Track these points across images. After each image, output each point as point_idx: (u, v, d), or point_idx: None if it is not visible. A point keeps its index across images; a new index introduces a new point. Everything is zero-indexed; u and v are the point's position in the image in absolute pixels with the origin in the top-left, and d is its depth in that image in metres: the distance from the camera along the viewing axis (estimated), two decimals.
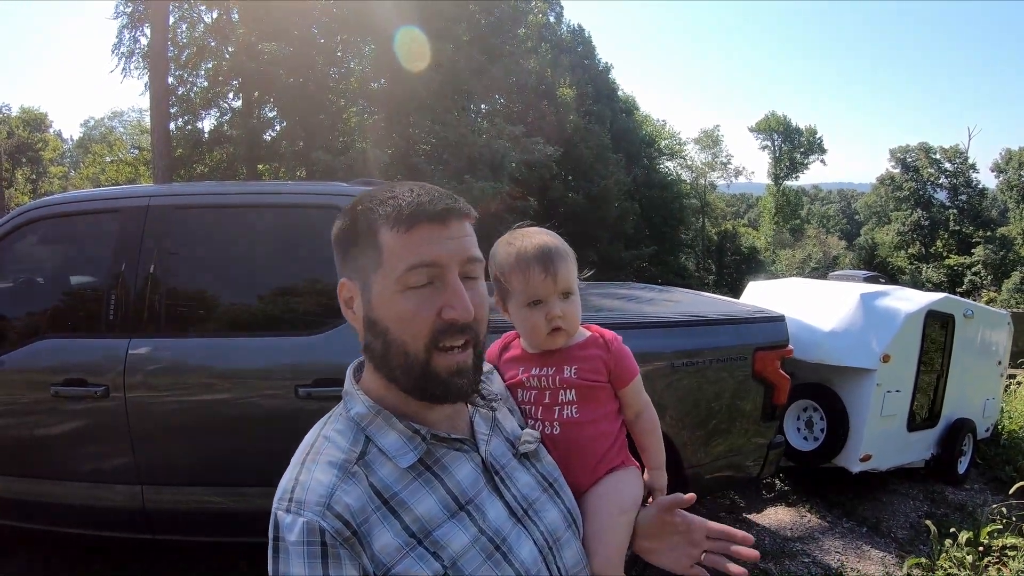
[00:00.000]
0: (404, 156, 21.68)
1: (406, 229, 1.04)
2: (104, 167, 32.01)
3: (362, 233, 1.08)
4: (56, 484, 3.55)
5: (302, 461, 1.05)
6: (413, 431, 1.08)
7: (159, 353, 3.46)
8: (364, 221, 1.08)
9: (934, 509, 5.57)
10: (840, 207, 75.94)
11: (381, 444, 1.07)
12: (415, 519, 1.02)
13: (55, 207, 3.89)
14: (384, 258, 1.05)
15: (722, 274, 46.62)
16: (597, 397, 1.34)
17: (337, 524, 0.96)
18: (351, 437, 1.08)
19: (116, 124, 43.40)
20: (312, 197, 3.80)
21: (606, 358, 1.35)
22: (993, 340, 7.03)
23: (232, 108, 24.02)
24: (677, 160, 48.92)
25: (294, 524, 0.96)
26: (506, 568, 1.07)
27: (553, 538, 1.16)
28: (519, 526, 1.13)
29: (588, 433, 1.32)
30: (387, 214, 1.06)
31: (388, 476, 1.04)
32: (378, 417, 1.09)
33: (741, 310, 4.33)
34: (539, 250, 1.31)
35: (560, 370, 1.33)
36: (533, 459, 1.24)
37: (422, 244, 1.04)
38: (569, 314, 1.32)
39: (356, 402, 1.12)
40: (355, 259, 1.10)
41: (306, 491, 0.99)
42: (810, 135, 56.39)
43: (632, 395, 1.39)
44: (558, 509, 1.21)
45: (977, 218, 49.13)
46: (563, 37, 36.05)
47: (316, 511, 0.96)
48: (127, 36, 21.69)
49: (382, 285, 1.06)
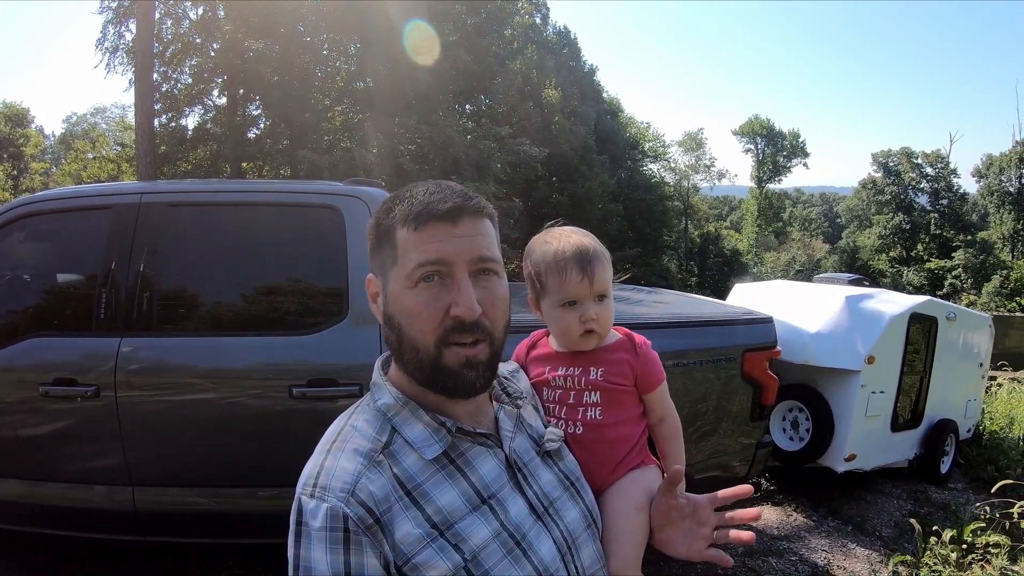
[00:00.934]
0: (389, 156, 21.62)
1: (416, 227, 1.07)
2: (86, 164, 31.67)
3: (384, 230, 1.12)
4: (46, 486, 3.50)
5: (328, 448, 1.06)
6: (439, 423, 1.10)
7: (150, 352, 3.42)
8: (385, 219, 1.12)
9: (918, 508, 5.65)
10: (822, 210, 76.56)
11: (407, 435, 1.09)
12: (437, 510, 1.03)
13: (45, 203, 3.82)
14: (398, 255, 1.08)
15: (704, 276, 46.84)
16: (622, 401, 1.34)
17: (360, 511, 0.97)
18: (377, 426, 1.09)
19: (99, 120, 43.03)
20: (307, 196, 3.77)
21: (633, 362, 1.35)
22: (975, 342, 7.14)
23: (217, 105, 23.91)
24: (661, 162, 49.19)
25: (318, 509, 0.97)
26: (525, 565, 1.08)
27: (572, 537, 1.17)
28: (539, 523, 1.14)
29: (611, 435, 1.32)
30: (402, 212, 1.09)
31: (412, 467, 1.06)
32: (404, 408, 1.11)
33: (730, 311, 4.37)
34: (577, 251, 1.31)
35: (586, 371, 1.33)
36: (556, 458, 1.25)
37: (431, 242, 1.06)
38: (603, 317, 1.32)
39: (383, 393, 1.14)
40: (378, 255, 1.13)
41: (331, 477, 1.00)
42: (793, 139, 56.75)
43: (657, 400, 1.39)
44: (578, 508, 1.22)
45: (958, 222, 49.65)
46: (549, 38, 36.11)
47: (340, 497, 0.97)
48: (112, 31, 21.53)
49: (396, 282, 1.09)
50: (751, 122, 57.02)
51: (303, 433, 1.12)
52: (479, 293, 1.07)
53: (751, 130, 56.72)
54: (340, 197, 3.56)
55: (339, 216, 3.46)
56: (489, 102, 28.98)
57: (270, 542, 3.06)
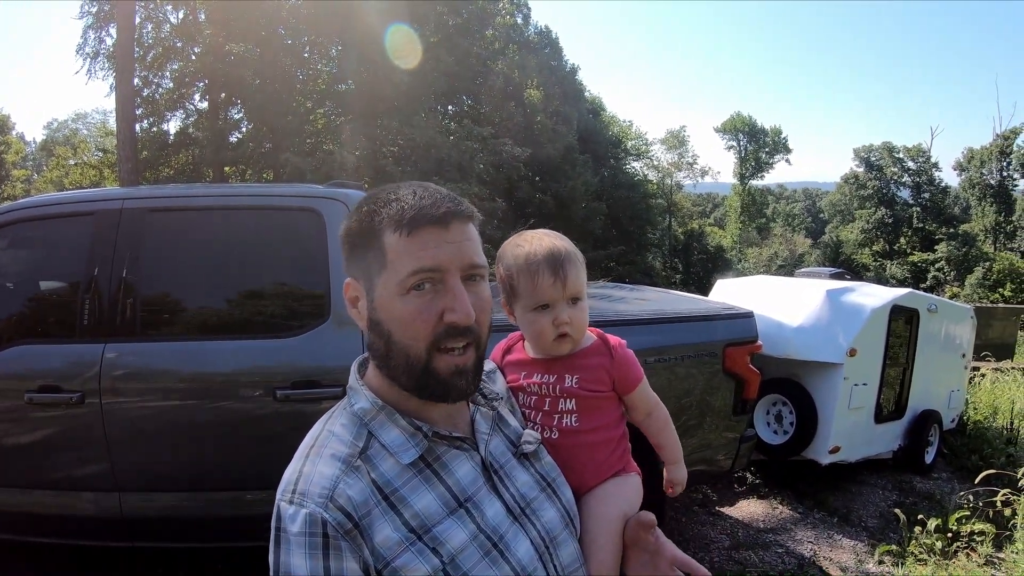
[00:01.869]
0: (372, 158, 21.57)
1: (408, 233, 1.05)
2: (68, 170, 31.43)
3: (367, 234, 1.09)
4: (33, 493, 3.49)
5: (306, 454, 1.06)
6: (415, 428, 1.10)
7: (134, 358, 3.41)
8: (369, 222, 1.09)
9: (903, 498, 5.71)
10: (805, 206, 76.95)
11: (383, 440, 1.09)
12: (414, 515, 1.03)
13: (28, 211, 3.82)
14: (388, 260, 1.06)
15: (689, 273, 46.96)
16: (599, 407, 1.33)
17: (339, 516, 0.97)
18: (354, 431, 1.09)
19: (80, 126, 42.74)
20: (287, 199, 3.77)
21: (609, 367, 1.33)
22: (957, 334, 7.22)
23: (198, 109, 23.78)
24: (644, 160, 49.34)
25: (296, 515, 0.97)
26: (503, 566, 1.08)
27: (550, 537, 1.17)
28: (516, 525, 1.14)
29: (588, 441, 1.31)
30: (390, 216, 1.06)
31: (389, 471, 1.06)
32: (381, 413, 1.11)
33: (711, 307, 4.41)
34: (549, 254, 1.29)
35: (561, 379, 1.31)
36: (533, 459, 1.24)
37: (424, 248, 1.05)
38: (577, 320, 1.30)
39: (360, 397, 1.13)
40: (360, 259, 1.10)
41: (309, 483, 1.00)
42: (775, 135, 57.13)
43: (640, 399, 1.38)
44: (556, 509, 1.22)
45: (940, 215, 50.11)
46: (530, 38, 36.07)
47: (319, 503, 0.97)
48: (92, 36, 21.39)
49: (385, 288, 1.07)
50: (733, 119, 57.35)
51: (288, 435, 1.12)
52: (469, 298, 1.07)
53: (733, 127, 57.05)
54: (320, 200, 3.56)
55: (320, 219, 3.47)
56: (471, 103, 28.98)
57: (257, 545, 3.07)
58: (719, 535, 4.79)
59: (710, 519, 5.09)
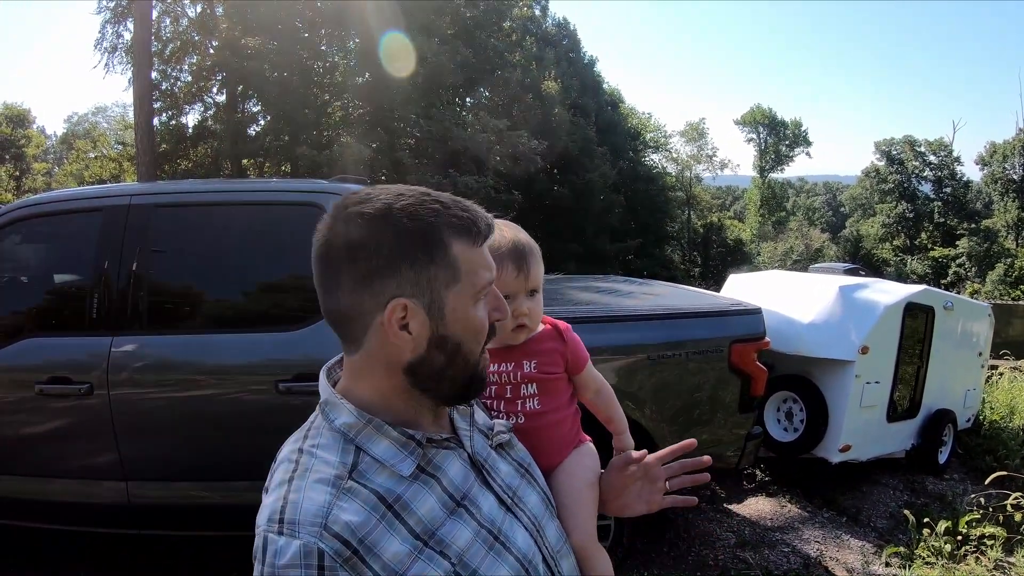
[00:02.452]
0: (388, 150, 21.62)
1: (481, 243, 1.07)
2: (88, 163, 31.73)
3: (426, 246, 1.02)
4: (42, 481, 3.57)
5: (287, 479, 1.00)
6: (407, 437, 1.06)
7: (142, 350, 3.49)
8: (427, 233, 1.02)
9: (914, 499, 5.65)
10: (826, 199, 76.33)
11: (374, 453, 1.04)
12: (418, 521, 1.01)
13: (39, 207, 3.92)
14: (461, 273, 1.04)
15: (708, 266, 46.77)
16: (556, 388, 1.40)
17: (336, 545, 0.91)
18: (339, 449, 1.03)
19: (100, 119, 43.20)
20: (292, 195, 3.85)
21: (563, 350, 1.41)
22: (974, 331, 7.12)
23: (216, 103, 23.92)
24: (662, 153, 49.06)
25: (288, 547, 0.90)
26: (507, 556, 1.09)
27: (538, 521, 1.20)
28: (510, 515, 1.15)
29: (551, 420, 1.38)
30: (454, 226, 1.04)
31: (385, 484, 1.02)
32: (368, 426, 1.05)
33: (718, 303, 4.38)
34: (513, 247, 1.34)
35: (520, 365, 1.37)
36: (508, 448, 1.26)
37: (489, 259, 1.08)
38: (534, 311, 1.37)
39: (341, 412, 1.06)
40: (415, 275, 1.02)
41: (298, 511, 0.94)
42: (795, 128, 56.62)
43: (588, 377, 1.47)
44: (536, 493, 1.24)
45: (961, 210, 49.50)
46: (548, 30, 36.02)
47: (312, 532, 0.91)
48: (110, 31, 21.58)
49: (459, 300, 1.05)
50: (753, 111, 56.90)
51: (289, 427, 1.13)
52: None
53: (753, 119, 56.60)
54: (324, 195, 3.61)
55: (322, 213, 3.48)
56: (489, 95, 28.94)
57: None
58: (725, 532, 4.77)
59: (717, 516, 5.07)
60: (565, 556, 1.24)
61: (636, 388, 3.71)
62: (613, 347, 3.72)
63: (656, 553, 4.40)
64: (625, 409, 3.84)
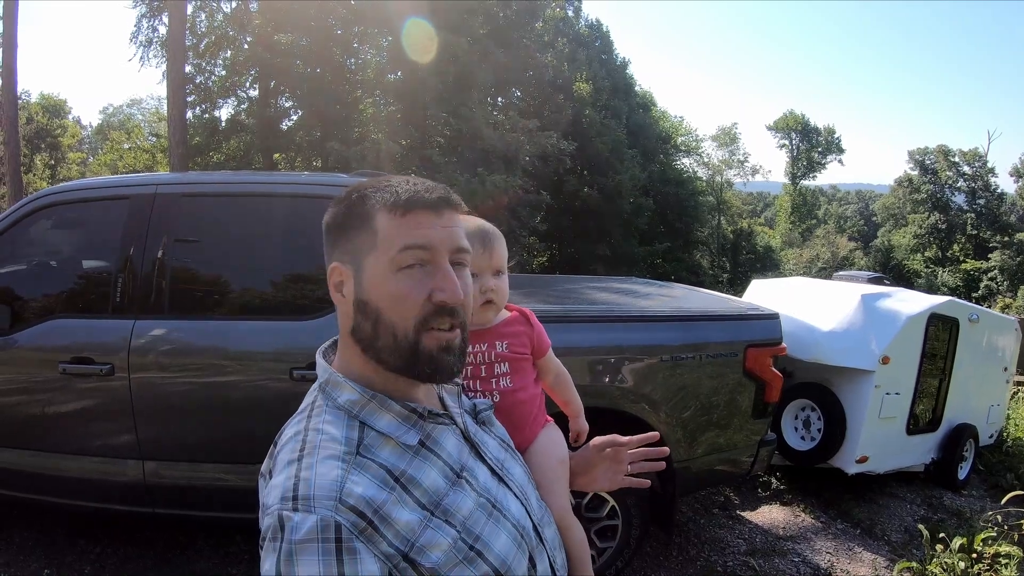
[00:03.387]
0: (419, 148, 21.74)
1: (402, 213, 1.09)
2: (122, 154, 32.27)
3: (358, 217, 1.12)
4: (63, 458, 3.66)
5: (297, 458, 1.03)
6: (410, 410, 1.12)
7: (162, 334, 3.56)
8: (360, 206, 1.12)
9: (930, 514, 5.58)
10: (858, 208, 75.36)
11: (378, 427, 1.09)
12: (424, 492, 1.05)
13: (68, 194, 4.01)
14: (379, 240, 1.09)
15: (736, 272, 46.34)
16: (524, 368, 1.56)
17: (352, 517, 0.95)
18: (343, 426, 1.08)
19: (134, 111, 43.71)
20: (310, 187, 3.90)
21: (530, 333, 1.57)
22: (1000, 345, 7.01)
23: (249, 97, 24.19)
24: (693, 157, 48.73)
25: (304, 522, 0.93)
26: (505, 523, 1.15)
27: (523, 491, 1.27)
28: (502, 485, 1.22)
29: (521, 398, 1.53)
30: (384, 199, 1.11)
31: (390, 457, 1.06)
32: (372, 401, 1.11)
33: (734, 306, 4.36)
34: (479, 228, 1.48)
35: (492, 346, 1.51)
36: (489, 424, 1.34)
37: (417, 227, 1.09)
38: (500, 289, 1.50)
39: (343, 390, 1.13)
40: (348, 243, 1.13)
41: (312, 487, 0.97)
42: (828, 134, 56.04)
43: (550, 361, 1.64)
44: (520, 466, 1.34)
45: (995, 223, 48.58)
46: (580, 32, 35.95)
47: (328, 506, 0.95)
48: (145, 25, 21.93)
49: (375, 267, 1.10)
50: (786, 117, 56.40)
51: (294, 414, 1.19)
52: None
53: (786, 125, 56.10)
54: (343, 188, 3.63)
55: None
56: (520, 95, 28.97)
57: None
58: (736, 539, 4.75)
59: (729, 522, 5.05)
60: (547, 524, 1.32)
61: (649, 389, 3.70)
62: (625, 348, 3.72)
63: (665, 557, 4.39)
64: (639, 411, 3.84)
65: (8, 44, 17.37)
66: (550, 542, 1.28)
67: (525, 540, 1.18)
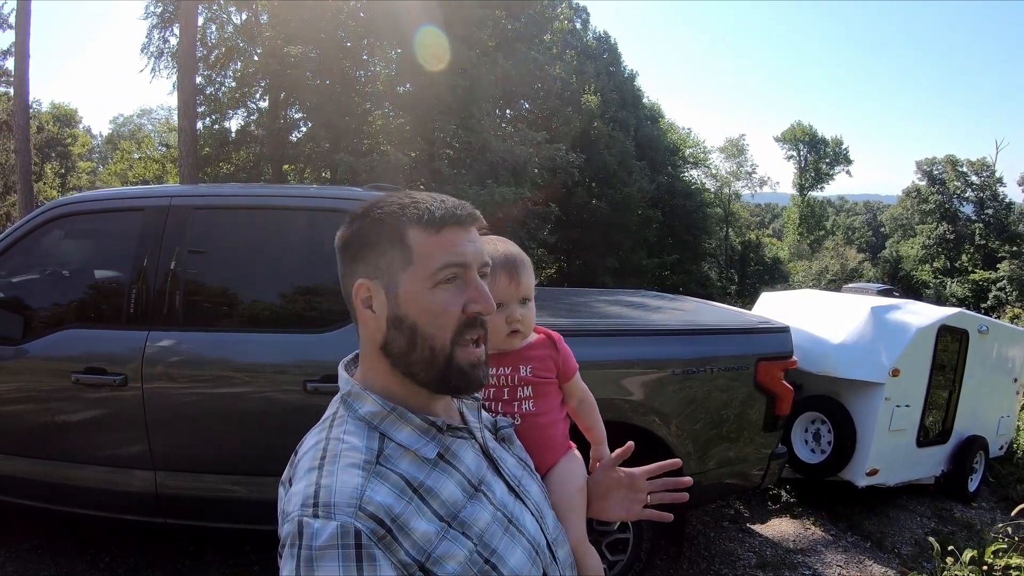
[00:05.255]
0: (428, 160, 21.78)
1: (437, 230, 1.12)
2: (132, 164, 32.41)
3: (386, 233, 1.13)
4: (75, 467, 3.67)
5: (318, 466, 1.04)
6: (429, 423, 1.14)
7: (176, 345, 3.58)
8: (390, 223, 1.13)
9: (941, 526, 5.56)
10: (866, 219, 75.14)
11: (398, 439, 1.11)
12: (442, 504, 1.07)
13: (81, 204, 4.05)
14: (415, 256, 1.11)
15: (744, 284, 46.21)
16: (549, 392, 1.52)
17: (372, 524, 0.97)
18: (365, 436, 1.10)
19: (145, 121, 44.03)
20: (325, 201, 3.93)
21: (555, 357, 1.53)
22: (1009, 357, 7.00)
23: (259, 108, 24.29)
24: (701, 169, 48.67)
25: (324, 528, 0.94)
26: (520, 538, 1.17)
27: (539, 510, 1.28)
28: (519, 501, 1.23)
29: (544, 422, 1.49)
30: (416, 216, 1.12)
31: (409, 468, 1.08)
32: (392, 414, 1.13)
33: (745, 320, 4.37)
34: (505, 258, 1.46)
35: (517, 369, 1.48)
36: (509, 442, 1.36)
37: (453, 244, 1.12)
38: (526, 318, 1.47)
39: (364, 402, 1.15)
40: (375, 259, 1.13)
41: (333, 494, 0.98)
42: (836, 145, 55.87)
43: (576, 386, 1.58)
44: (537, 484, 1.35)
45: (1003, 233, 48.33)
46: (588, 44, 36.03)
47: (348, 513, 0.96)
48: (156, 36, 22.05)
49: (412, 282, 1.11)
50: (793, 128, 56.25)
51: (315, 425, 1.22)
52: None
53: (793, 136, 55.96)
54: (357, 202, 3.65)
55: None
56: (528, 107, 29.03)
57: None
58: (746, 552, 4.73)
59: (739, 535, 5.03)
60: (561, 544, 1.31)
61: (660, 403, 3.71)
62: (636, 361, 3.72)
63: (675, 570, 4.38)
64: (650, 424, 3.84)
65: (20, 53, 17.53)
66: (562, 561, 1.29)
67: (540, 557, 1.19)
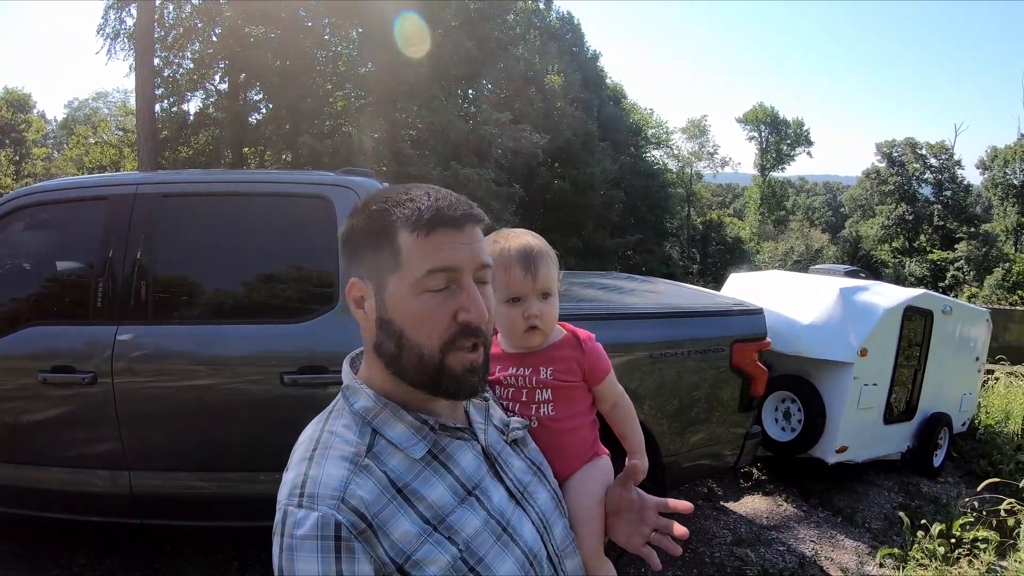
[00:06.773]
0: (391, 141, 21.57)
1: (426, 233, 1.06)
2: (88, 149, 31.57)
3: (378, 233, 1.09)
4: (45, 470, 3.55)
5: (309, 456, 1.05)
6: (421, 422, 1.11)
7: (146, 340, 3.47)
8: (380, 221, 1.09)
9: (908, 501, 5.69)
10: (826, 199, 76.24)
11: (389, 436, 1.09)
12: (428, 506, 1.05)
13: (44, 194, 3.90)
14: (402, 260, 1.07)
15: (706, 263, 46.80)
16: (572, 395, 1.41)
17: (352, 517, 0.97)
18: (357, 430, 1.09)
19: (101, 105, 42.97)
20: (298, 186, 3.81)
21: (580, 359, 1.41)
22: (971, 336, 7.16)
23: (218, 90, 23.82)
24: (664, 149, 49.06)
25: (306, 518, 0.96)
26: (514, 548, 1.12)
27: (546, 517, 1.23)
28: (519, 508, 1.18)
29: (564, 427, 1.38)
30: (406, 216, 1.07)
31: (398, 467, 1.07)
32: (385, 410, 1.11)
33: (720, 302, 4.40)
34: (522, 249, 1.37)
35: (536, 371, 1.38)
36: (521, 445, 1.30)
37: (441, 248, 1.06)
38: (546, 314, 1.37)
39: (360, 396, 1.13)
40: (369, 259, 1.11)
41: (318, 485, 0.99)
42: (797, 127, 56.66)
43: (607, 389, 1.46)
44: (547, 491, 1.27)
45: (961, 214, 49.48)
46: (552, 24, 35.99)
47: (330, 504, 0.97)
48: (113, 17, 21.42)
49: (399, 287, 1.07)
50: (755, 110, 56.92)
51: (294, 419, 1.16)
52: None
53: (755, 118, 56.62)
54: (331, 187, 3.58)
55: (330, 206, 3.49)
56: (491, 88, 28.90)
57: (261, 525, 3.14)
58: (722, 530, 4.80)
59: (713, 514, 5.10)
60: (570, 556, 1.26)
61: (636, 385, 3.72)
62: (614, 344, 3.73)
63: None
64: None
65: None
66: (570, 574, 1.25)
67: (534, 568, 1.15)
